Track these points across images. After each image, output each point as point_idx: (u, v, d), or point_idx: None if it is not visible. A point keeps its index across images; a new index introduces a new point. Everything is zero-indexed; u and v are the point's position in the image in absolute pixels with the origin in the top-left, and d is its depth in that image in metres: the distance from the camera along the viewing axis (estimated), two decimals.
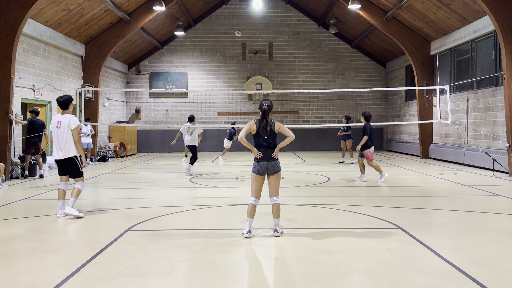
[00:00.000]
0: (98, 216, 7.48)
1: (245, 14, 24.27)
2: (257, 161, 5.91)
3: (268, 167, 5.88)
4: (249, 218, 5.85)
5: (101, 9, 16.26)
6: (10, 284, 4.20)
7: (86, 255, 5.05)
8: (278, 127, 5.90)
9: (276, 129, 5.92)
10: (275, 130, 5.91)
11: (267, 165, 5.88)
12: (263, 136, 5.89)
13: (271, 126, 5.89)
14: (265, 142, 5.89)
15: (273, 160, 5.90)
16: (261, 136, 5.90)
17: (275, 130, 5.92)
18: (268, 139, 5.90)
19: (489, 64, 14.43)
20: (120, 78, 23.40)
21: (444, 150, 16.93)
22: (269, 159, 5.88)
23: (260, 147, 5.90)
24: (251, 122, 5.95)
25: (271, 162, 5.89)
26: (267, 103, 5.91)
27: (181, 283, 4.20)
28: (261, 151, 5.88)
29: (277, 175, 5.98)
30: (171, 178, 12.58)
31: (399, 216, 7.02)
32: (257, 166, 5.90)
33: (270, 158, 5.88)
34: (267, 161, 5.88)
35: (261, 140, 5.90)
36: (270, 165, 5.88)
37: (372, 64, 24.46)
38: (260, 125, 5.89)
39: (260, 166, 5.88)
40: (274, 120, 5.96)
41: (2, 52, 11.69)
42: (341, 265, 4.65)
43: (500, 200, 8.63)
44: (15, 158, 12.77)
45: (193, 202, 8.65)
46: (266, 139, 5.90)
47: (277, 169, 5.94)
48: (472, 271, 4.44)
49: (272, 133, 5.92)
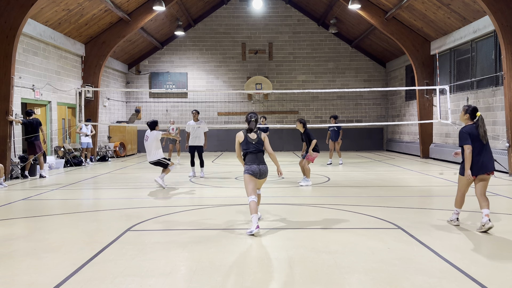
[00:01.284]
0: (98, 216, 7.48)
1: (245, 14, 24.27)
2: (249, 164, 6.28)
3: (261, 171, 6.29)
4: (254, 214, 6.04)
5: (101, 9, 16.26)
6: (10, 284, 4.20)
7: (86, 255, 5.05)
8: (263, 136, 6.44)
9: (262, 137, 6.42)
10: (262, 138, 6.40)
11: (259, 169, 6.27)
12: (251, 142, 6.34)
13: (258, 135, 6.41)
14: (254, 147, 6.33)
15: (263, 165, 6.32)
16: (249, 142, 6.34)
17: (262, 138, 6.41)
18: (256, 144, 6.35)
19: (489, 64, 14.43)
20: (120, 78, 23.40)
21: (444, 150, 16.93)
22: (260, 163, 6.30)
23: (250, 153, 6.32)
24: (239, 135, 6.42)
25: (261, 166, 6.30)
26: (254, 118, 6.40)
27: (181, 283, 4.20)
28: (252, 156, 6.30)
29: (265, 179, 6.50)
30: (171, 178, 12.57)
31: (399, 216, 7.02)
32: (250, 169, 6.27)
33: (261, 162, 6.32)
34: (258, 165, 6.27)
35: (250, 147, 6.32)
36: (261, 169, 6.29)
37: (372, 64, 24.46)
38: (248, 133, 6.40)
39: (253, 170, 6.25)
40: (260, 131, 6.52)
41: (2, 52, 11.69)
42: (341, 265, 4.65)
43: (500, 200, 8.63)
44: (15, 158, 12.77)
45: (193, 202, 8.65)
46: (254, 145, 6.34)
47: (266, 173, 6.40)
48: (472, 271, 4.44)
49: (259, 140, 6.38)
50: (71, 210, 7.91)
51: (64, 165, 15.54)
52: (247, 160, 6.32)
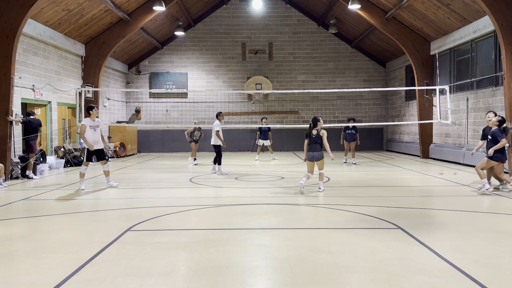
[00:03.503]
0: (98, 216, 7.48)
1: (245, 14, 24.27)
2: (308, 151, 9.43)
3: (314, 156, 9.36)
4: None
5: (101, 9, 16.26)
6: (10, 284, 4.20)
7: (86, 255, 5.05)
8: (322, 133, 9.41)
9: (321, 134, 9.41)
10: (320, 134, 9.37)
11: (313, 155, 9.37)
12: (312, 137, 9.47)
13: (317, 131, 9.41)
14: (313, 141, 9.39)
15: (318, 152, 9.40)
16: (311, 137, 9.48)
17: (321, 134, 9.38)
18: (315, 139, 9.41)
19: (489, 64, 14.43)
20: (120, 78, 23.41)
21: (444, 150, 16.93)
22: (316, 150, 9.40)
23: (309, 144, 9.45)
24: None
25: (315, 153, 9.37)
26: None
27: (181, 283, 4.21)
28: (311, 146, 9.41)
29: (321, 161, 9.49)
30: (171, 178, 12.58)
31: (399, 216, 7.02)
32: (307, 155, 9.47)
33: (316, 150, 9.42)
34: (313, 152, 9.36)
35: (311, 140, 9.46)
36: (315, 155, 9.36)
37: (372, 64, 24.47)
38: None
39: (309, 155, 9.43)
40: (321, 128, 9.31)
41: (2, 52, 11.70)
42: (341, 265, 4.65)
43: (500, 200, 8.64)
44: (15, 158, 12.76)
45: (193, 202, 8.65)
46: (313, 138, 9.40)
47: (320, 157, 9.42)
48: (472, 271, 4.45)
49: (318, 136, 9.38)
50: (71, 210, 7.91)
51: (64, 165, 15.54)
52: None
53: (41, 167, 13.57)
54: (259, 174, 12.98)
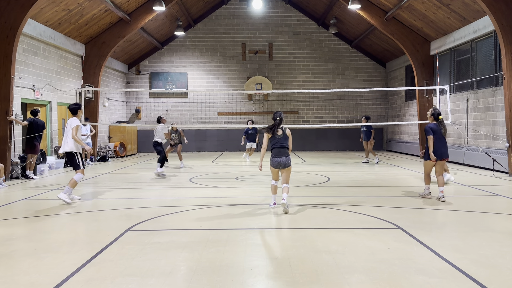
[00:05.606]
0: (98, 216, 7.48)
1: (245, 14, 24.27)
2: (272, 157, 7.61)
3: (281, 162, 7.55)
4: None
5: (101, 9, 16.26)
6: (10, 284, 4.20)
7: (86, 255, 5.05)
8: (288, 133, 7.72)
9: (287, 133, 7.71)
10: (287, 134, 7.68)
11: (279, 161, 7.55)
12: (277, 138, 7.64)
13: (283, 131, 7.68)
14: (279, 144, 7.61)
15: (285, 157, 7.58)
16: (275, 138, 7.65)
17: (287, 134, 7.69)
18: (281, 140, 7.63)
19: (489, 64, 14.43)
20: (120, 78, 23.40)
21: None
22: (282, 155, 7.58)
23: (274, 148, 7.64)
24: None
25: (282, 158, 7.56)
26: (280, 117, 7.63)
27: (181, 283, 4.21)
28: (276, 150, 7.59)
29: (288, 169, 7.66)
30: (171, 178, 12.58)
31: (399, 216, 7.02)
32: (272, 160, 7.64)
33: (283, 155, 7.59)
34: (280, 157, 7.55)
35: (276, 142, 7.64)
36: (282, 161, 7.56)
37: (372, 64, 24.47)
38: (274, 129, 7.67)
39: (274, 162, 7.59)
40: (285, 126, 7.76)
41: (2, 52, 11.70)
42: (341, 265, 4.65)
43: (500, 200, 8.64)
44: (15, 158, 12.77)
45: (193, 202, 8.65)
46: (279, 140, 7.62)
47: (287, 164, 7.62)
48: (472, 271, 4.44)
49: (284, 137, 7.64)
50: (71, 210, 7.91)
51: (64, 165, 15.54)
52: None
53: (41, 167, 13.57)
54: (259, 174, 12.99)
